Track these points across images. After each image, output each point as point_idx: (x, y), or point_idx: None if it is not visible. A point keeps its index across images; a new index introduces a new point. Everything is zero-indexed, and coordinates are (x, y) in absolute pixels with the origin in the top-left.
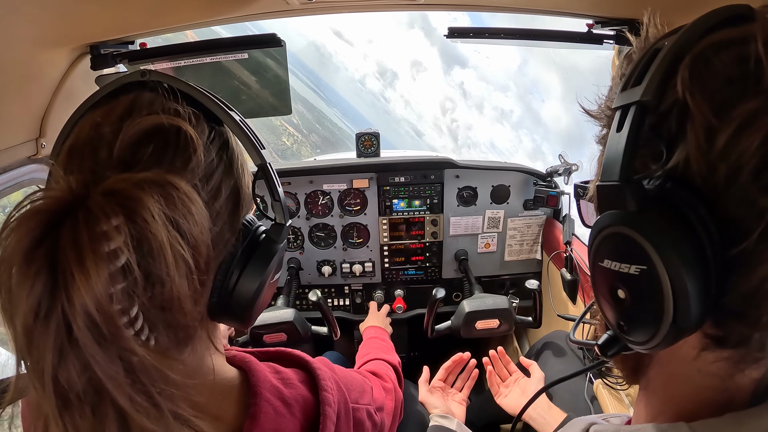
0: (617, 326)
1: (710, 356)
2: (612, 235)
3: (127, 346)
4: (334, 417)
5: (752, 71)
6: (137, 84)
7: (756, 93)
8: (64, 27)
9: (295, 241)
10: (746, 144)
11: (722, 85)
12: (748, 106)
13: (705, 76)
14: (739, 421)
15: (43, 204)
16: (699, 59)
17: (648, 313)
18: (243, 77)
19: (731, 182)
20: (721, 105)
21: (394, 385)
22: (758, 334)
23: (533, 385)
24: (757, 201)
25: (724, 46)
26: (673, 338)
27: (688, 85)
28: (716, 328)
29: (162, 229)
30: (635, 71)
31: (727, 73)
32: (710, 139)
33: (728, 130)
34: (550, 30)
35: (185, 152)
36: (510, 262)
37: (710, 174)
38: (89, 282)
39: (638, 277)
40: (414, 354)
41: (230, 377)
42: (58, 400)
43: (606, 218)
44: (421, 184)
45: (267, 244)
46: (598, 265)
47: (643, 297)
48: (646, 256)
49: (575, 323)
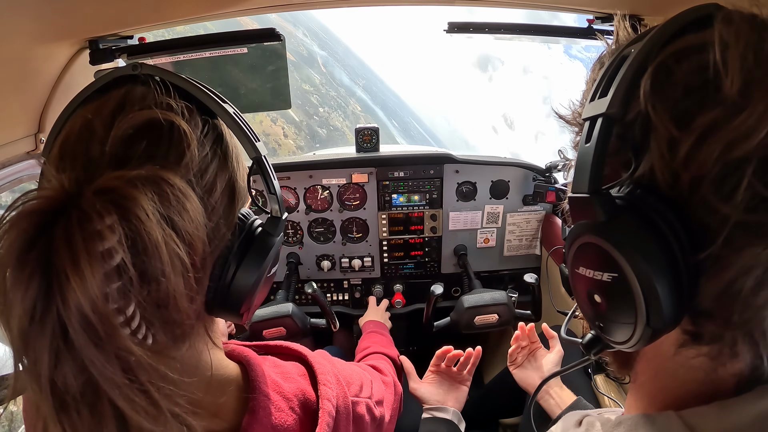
0: (597, 327)
1: (690, 352)
2: (584, 245)
3: (124, 345)
4: (333, 411)
5: (711, 80)
6: (129, 78)
7: (715, 103)
8: (63, 21)
9: (294, 235)
10: (707, 154)
11: (682, 95)
12: (707, 116)
13: (666, 86)
14: (725, 409)
15: (35, 204)
16: (660, 70)
17: (623, 316)
18: (242, 72)
19: (694, 191)
20: (682, 115)
21: (393, 379)
22: (730, 333)
23: (549, 363)
24: (720, 208)
25: (685, 54)
26: (649, 338)
27: (650, 97)
28: (692, 325)
29: (157, 228)
30: (603, 80)
31: (687, 82)
32: (672, 149)
33: (689, 141)
34: (550, 25)
35: (179, 147)
36: (509, 257)
37: (674, 183)
38: (84, 283)
39: (611, 284)
40: (413, 348)
41: (229, 372)
42: (55, 402)
43: (577, 228)
44: (421, 178)
45: (263, 238)
46: (575, 271)
47: (616, 302)
48: (616, 264)
49: (566, 320)
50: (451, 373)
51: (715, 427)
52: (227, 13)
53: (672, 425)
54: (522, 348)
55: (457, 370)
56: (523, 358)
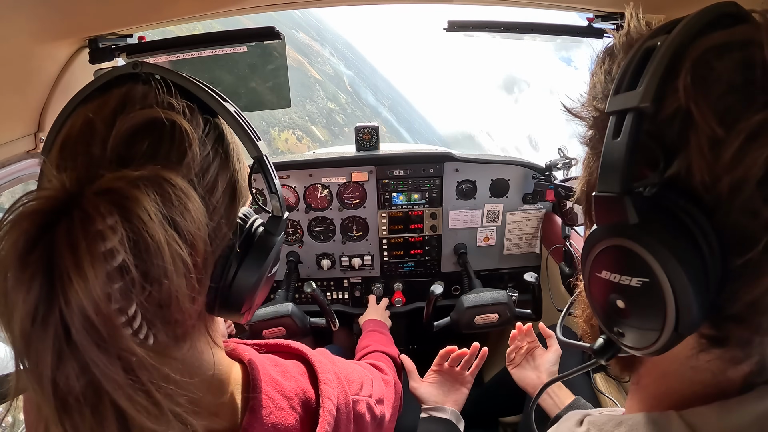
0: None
1: (706, 356)
2: (611, 248)
3: (126, 346)
4: (334, 410)
5: (758, 78)
6: (129, 77)
7: (764, 104)
8: (62, 20)
9: (294, 234)
10: (754, 157)
11: (726, 92)
12: (756, 117)
13: (708, 82)
14: (726, 409)
15: (36, 204)
16: (700, 64)
17: (649, 322)
18: (242, 71)
19: (736, 193)
20: (725, 114)
21: (393, 378)
22: (759, 338)
23: (547, 363)
24: (762, 212)
25: (726, 49)
26: (673, 344)
27: (692, 93)
28: (714, 330)
29: (159, 229)
30: (627, 72)
31: (731, 79)
32: (715, 149)
33: (735, 143)
34: (550, 24)
35: (180, 147)
36: (509, 255)
37: (713, 184)
38: (87, 284)
39: (639, 289)
40: (413, 347)
41: (229, 371)
42: (57, 403)
43: (605, 230)
44: (421, 177)
45: (264, 237)
46: (595, 275)
47: (643, 308)
48: (648, 269)
49: (559, 321)
50: (453, 374)
51: (715, 427)
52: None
53: (673, 425)
54: (520, 348)
55: (459, 369)
56: (521, 358)
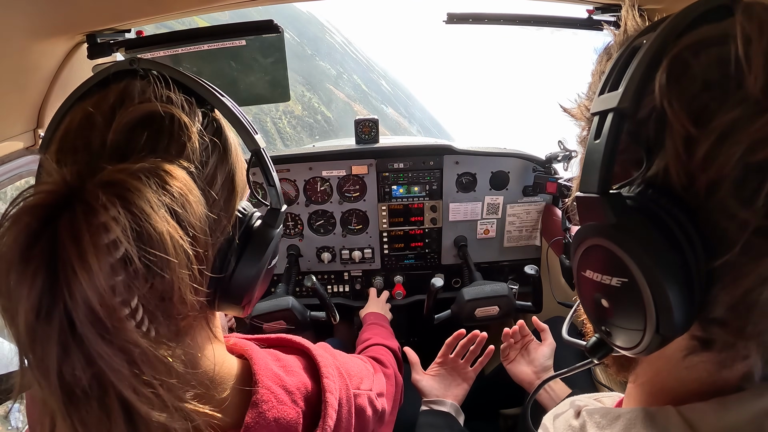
0: (603, 332)
1: (696, 358)
2: (592, 247)
3: (130, 338)
4: (336, 404)
5: (732, 75)
6: (128, 72)
7: (737, 101)
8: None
9: (295, 227)
10: (727, 156)
11: (701, 90)
12: (728, 115)
13: (683, 81)
14: (724, 406)
15: (37, 198)
16: (676, 62)
17: (631, 322)
18: (241, 65)
19: (712, 193)
20: (700, 113)
21: (394, 371)
22: (743, 342)
23: (542, 357)
24: (739, 213)
25: (704, 46)
26: (657, 345)
27: (666, 93)
28: (703, 332)
29: (161, 220)
30: (613, 73)
31: (706, 76)
32: (689, 149)
33: (708, 141)
34: (549, 15)
35: (180, 139)
36: (509, 248)
37: (690, 184)
38: (91, 276)
39: (620, 289)
40: (413, 340)
41: (231, 366)
42: (64, 396)
43: (585, 230)
44: (421, 170)
45: (263, 230)
46: (581, 274)
47: (625, 308)
48: (626, 269)
49: (567, 320)
50: (457, 367)
51: (713, 423)
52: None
53: (671, 420)
54: (514, 343)
55: (464, 362)
56: (516, 353)
